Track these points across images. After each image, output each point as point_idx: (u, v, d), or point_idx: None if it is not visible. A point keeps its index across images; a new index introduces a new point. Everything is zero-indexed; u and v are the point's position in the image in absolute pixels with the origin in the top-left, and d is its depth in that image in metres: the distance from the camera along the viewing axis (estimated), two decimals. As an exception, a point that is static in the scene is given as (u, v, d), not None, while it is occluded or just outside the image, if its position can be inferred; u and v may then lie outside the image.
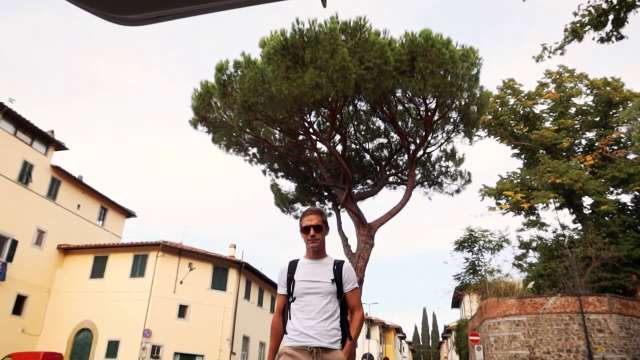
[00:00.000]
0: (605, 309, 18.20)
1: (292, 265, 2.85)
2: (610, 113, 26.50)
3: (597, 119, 27.21)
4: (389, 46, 11.44)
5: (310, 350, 2.59)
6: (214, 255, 25.03)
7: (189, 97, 17.08)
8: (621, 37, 8.02)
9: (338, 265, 2.79)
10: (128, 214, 30.70)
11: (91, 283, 24.03)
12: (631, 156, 24.69)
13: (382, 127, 16.56)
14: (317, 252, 2.81)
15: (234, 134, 14.35)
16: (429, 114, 13.59)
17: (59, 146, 25.27)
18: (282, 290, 2.85)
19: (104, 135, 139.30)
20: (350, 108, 15.49)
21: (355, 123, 16.28)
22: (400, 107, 14.74)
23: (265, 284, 29.64)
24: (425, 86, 12.05)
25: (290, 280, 2.80)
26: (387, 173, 17.24)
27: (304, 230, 2.82)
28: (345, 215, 16.29)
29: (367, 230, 14.70)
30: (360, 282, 14.24)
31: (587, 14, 7.90)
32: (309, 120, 14.53)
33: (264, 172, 17.65)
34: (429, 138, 15.13)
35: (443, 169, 17.40)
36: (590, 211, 24.97)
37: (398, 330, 58.80)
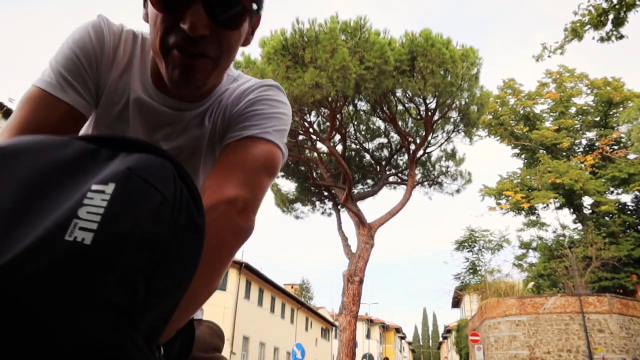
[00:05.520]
0: (605, 309, 18.19)
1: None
2: (611, 113, 26.51)
3: (598, 118, 27.23)
4: (389, 46, 11.48)
5: None
6: (214, 255, 24.93)
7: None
8: (621, 37, 8.04)
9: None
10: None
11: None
12: (631, 156, 24.70)
13: (382, 127, 16.58)
14: (191, 84, 0.72)
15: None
16: (429, 113, 13.61)
17: (59, 146, 25.28)
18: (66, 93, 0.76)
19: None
20: (350, 108, 15.49)
21: (355, 123, 16.29)
22: (400, 107, 14.75)
23: (265, 284, 29.64)
24: (425, 86, 12.06)
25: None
26: (387, 173, 17.24)
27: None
28: (345, 215, 16.30)
29: (367, 230, 14.70)
30: (360, 282, 14.25)
31: (587, 14, 7.91)
32: (309, 120, 14.54)
33: (264, 172, 17.58)
34: (429, 138, 15.15)
35: (443, 169, 17.41)
36: (590, 211, 24.98)
37: (398, 330, 58.78)
